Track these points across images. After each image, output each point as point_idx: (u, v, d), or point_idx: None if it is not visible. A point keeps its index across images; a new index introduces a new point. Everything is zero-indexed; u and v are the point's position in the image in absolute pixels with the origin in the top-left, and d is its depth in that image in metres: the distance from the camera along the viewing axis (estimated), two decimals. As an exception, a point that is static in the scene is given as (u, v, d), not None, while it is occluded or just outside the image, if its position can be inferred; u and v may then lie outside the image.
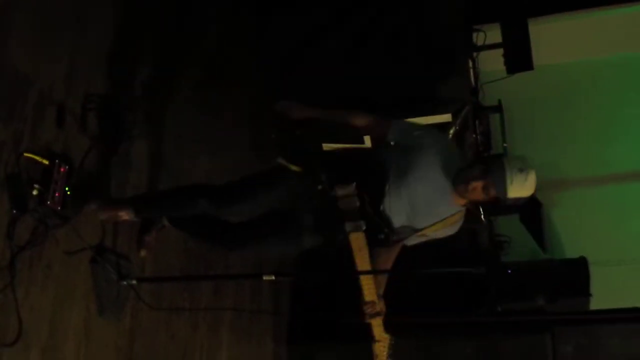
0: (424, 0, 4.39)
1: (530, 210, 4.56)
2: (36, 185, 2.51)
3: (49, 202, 2.53)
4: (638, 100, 4.95)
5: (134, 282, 2.88)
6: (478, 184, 2.57)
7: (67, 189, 2.62)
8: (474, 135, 4.36)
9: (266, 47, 4.49)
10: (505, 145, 4.51)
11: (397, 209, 2.68)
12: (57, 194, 2.57)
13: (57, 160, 2.59)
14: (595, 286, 4.39)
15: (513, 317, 4.32)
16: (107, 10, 3.09)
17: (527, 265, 4.69)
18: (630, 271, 4.58)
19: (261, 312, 4.07)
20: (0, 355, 2.32)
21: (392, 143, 2.78)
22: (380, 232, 2.68)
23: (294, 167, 2.77)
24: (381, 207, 2.68)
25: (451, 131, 4.35)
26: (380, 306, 2.68)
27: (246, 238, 2.93)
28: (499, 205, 3.00)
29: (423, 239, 2.83)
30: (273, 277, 2.73)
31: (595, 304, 4.36)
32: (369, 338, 3.71)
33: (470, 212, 2.92)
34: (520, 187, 2.52)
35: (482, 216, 4.52)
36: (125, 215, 2.88)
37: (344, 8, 4.46)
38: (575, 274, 4.51)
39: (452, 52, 4.33)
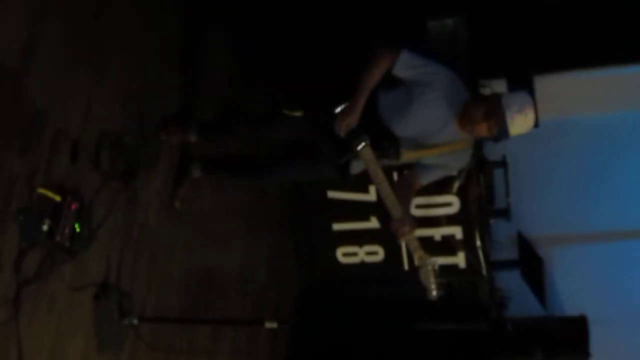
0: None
1: (532, 266, 4.58)
2: (47, 220, 2.55)
3: (58, 238, 2.57)
4: (640, 157, 5.00)
5: (135, 321, 2.90)
6: (482, 125, 2.77)
7: (76, 225, 2.66)
8: (478, 190, 4.41)
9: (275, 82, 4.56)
10: (508, 200, 4.55)
11: (400, 128, 2.88)
12: (66, 230, 2.61)
13: (68, 197, 2.63)
14: (594, 345, 4.36)
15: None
16: (127, 48, 3.16)
17: (526, 321, 4.66)
18: (631, 331, 4.56)
19: (259, 348, 4.07)
20: (0, 387, 2.33)
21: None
22: (384, 141, 2.86)
23: (297, 113, 3.07)
24: (383, 121, 2.88)
25: (455, 184, 4.41)
26: (410, 222, 2.77)
27: (273, 166, 3.32)
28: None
29: (437, 173, 3.03)
30: (275, 325, 2.74)
31: (594, 362, 4.32)
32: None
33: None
34: (520, 126, 2.71)
35: (484, 271, 4.55)
36: (191, 137, 3.37)
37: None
38: (574, 332, 4.49)
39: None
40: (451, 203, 4.48)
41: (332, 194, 4.69)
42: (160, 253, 3.31)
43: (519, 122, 2.70)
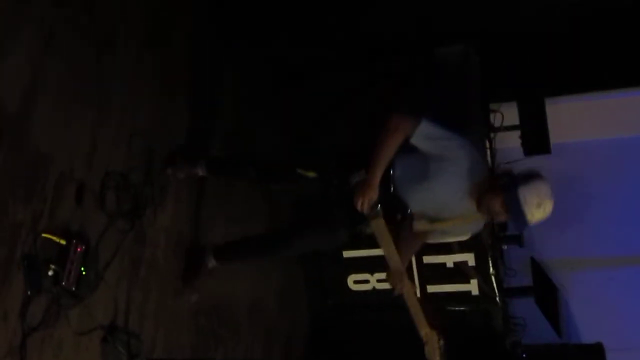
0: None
1: (546, 293, 4.50)
2: (52, 266, 2.52)
3: (63, 283, 2.54)
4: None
5: (144, 362, 2.86)
6: (501, 214, 2.75)
7: (82, 268, 2.63)
8: (491, 224, 4.34)
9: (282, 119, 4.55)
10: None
11: (414, 200, 2.85)
12: (72, 274, 2.58)
13: (74, 240, 2.60)
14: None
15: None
16: (129, 83, 3.14)
17: (541, 349, 4.59)
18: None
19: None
20: None
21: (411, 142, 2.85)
22: (398, 213, 2.86)
23: (311, 174, 3.01)
24: (397, 191, 2.84)
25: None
26: (406, 279, 2.76)
27: (288, 239, 3.21)
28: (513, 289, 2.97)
29: (447, 237, 3.02)
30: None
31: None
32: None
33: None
34: (539, 217, 2.69)
35: (497, 298, 4.48)
36: (200, 171, 3.35)
37: (353, 88, 4.53)
38: (591, 360, 4.42)
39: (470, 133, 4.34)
40: (463, 231, 4.41)
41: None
42: (169, 291, 3.27)
43: (538, 215, 2.68)
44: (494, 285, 4.47)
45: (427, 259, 4.55)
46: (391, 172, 2.84)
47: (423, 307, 2.74)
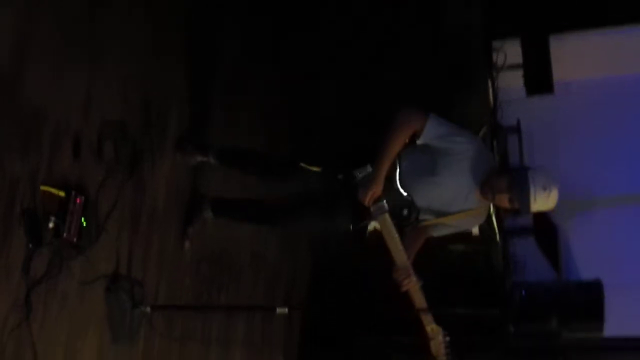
0: (442, 18, 4.35)
1: (546, 233, 4.53)
2: (52, 218, 2.52)
3: (65, 235, 2.55)
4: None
5: (148, 309, 2.90)
6: (504, 196, 2.72)
7: (83, 220, 2.64)
8: (492, 153, 4.31)
9: (284, 63, 4.48)
10: (524, 163, 4.47)
11: (420, 196, 2.81)
12: (73, 226, 2.58)
13: (73, 192, 2.60)
14: (610, 310, 4.34)
15: (525, 342, 4.30)
16: (123, 35, 3.07)
17: (541, 287, 4.64)
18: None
19: (273, 330, 4.09)
20: (16, 390, 2.35)
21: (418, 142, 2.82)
22: (404, 209, 2.81)
23: (314, 168, 2.96)
24: (403, 188, 2.80)
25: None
26: (414, 276, 2.74)
27: (288, 217, 3.20)
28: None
29: (450, 230, 2.98)
30: (286, 311, 2.74)
31: (610, 328, 4.31)
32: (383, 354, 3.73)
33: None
34: (542, 204, 2.69)
35: (498, 238, 4.50)
36: (210, 159, 3.29)
37: (359, 26, 4.45)
38: (589, 297, 4.47)
39: (471, 72, 4.29)
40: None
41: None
42: (171, 239, 3.29)
43: (542, 200, 2.66)
44: (494, 225, 4.49)
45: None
46: (397, 167, 2.80)
47: (429, 304, 2.74)
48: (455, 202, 2.82)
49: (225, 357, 3.52)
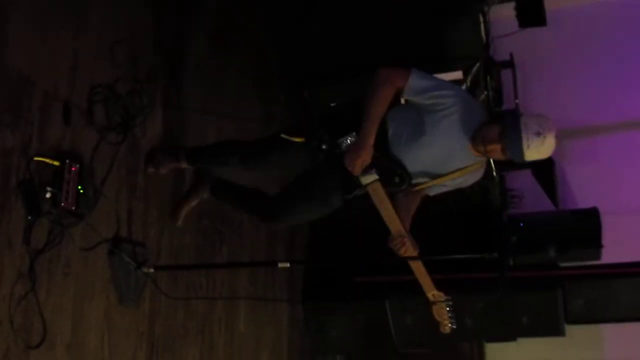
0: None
1: (542, 165, 4.53)
2: (49, 188, 2.52)
3: (63, 203, 2.55)
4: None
5: (152, 269, 2.93)
6: (496, 147, 2.58)
7: (79, 187, 2.64)
8: (485, 92, 4.27)
9: (270, 13, 4.37)
10: (517, 101, 4.42)
11: (411, 159, 2.70)
12: (70, 194, 2.58)
13: (67, 160, 2.59)
14: (607, 237, 4.40)
15: (524, 273, 4.37)
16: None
17: (538, 217, 4.69)
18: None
19: (275, 277, 4.14)
20: (28, 357, 2.39)
21: (403, 101, 2.74)
22: (395, 175, 2.71)
23: (296, 139, 2.81)
24: (392, 152, 2.69)
25: (462, 88, 4.28)
26: (410, 241, 2.68)
27: (279, 208, 3.04)
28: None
29: (445, 189, 2.86)
30: (288, 265, 2.77)
31: (607, 255, 4.38)
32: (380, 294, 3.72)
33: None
34: (536, 152, 2.52)
35: (494, 172, 4.51)
36: (182, 165, 3.17)
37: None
38: (586, 225, 4.53)
39: (462, 7, 4.19)
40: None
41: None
42: (169, 195, 3.29)
43: (536, 147, 2.48)
44: (491, 160, 4.49)
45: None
46: (384, 131, 2.67)
47: (427, 269, 2.70)
48: (449, 161, 2.69)
49: (230, 310, 3.58)
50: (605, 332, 4.78)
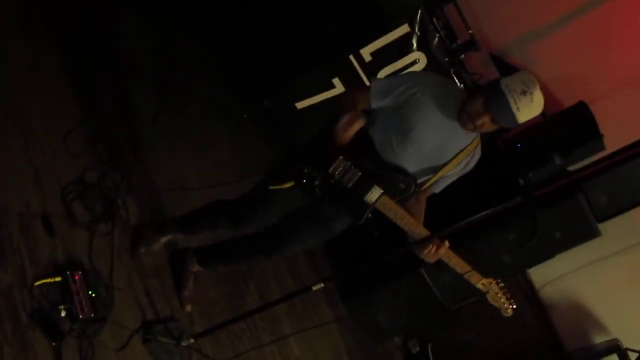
0: None
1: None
2: (61, 306, 2.42)
3: (80, 315, 2.45)
4: None
5: (192, 340, 2.83)
6: (485, 119, 2.47)
7: (90, 292, 2.53)
8: (437, 34, 4.17)
9: (203, 41, 4.25)
10: (470, 31, 4.31)
11: (408, 160, 2.60)
12: (83, 303, 2.48)
13: (68, 272, 2.48)
14: (603, 124, 4.34)
15: (540, 190, 4.31)
16: (35, 93, 2.86)
17: (529, 131, 4.61)
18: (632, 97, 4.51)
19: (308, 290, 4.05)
20: None
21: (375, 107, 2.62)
22: (399, 183, 2.62)
23: (287, 185, 2.71)
24: (388, 161, 2.60)
25: (414, 40, 4.18)
26: (437, 242, 2.58)
27: (280, 239, 2.90)
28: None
29: (452, 179, 2.77)
30: (322, 285, 2.68)
31: (611, 142, 4.32)
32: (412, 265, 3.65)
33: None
34: (528, 110, 2.41)
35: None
36: (171, 237, 3.01)
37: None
38: (579, 121, 4.47)
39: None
40: (418, 60, 4.26)
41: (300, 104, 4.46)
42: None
43: (526, 106, 2.38)
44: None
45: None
46: (373, 145, 2.60)
47: (467, 260, 2.62)
48: (445, 147, 2.60)
49: (280, 341, 3.49)
50: (636, 211, 4.74)
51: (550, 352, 4.81)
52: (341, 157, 2.54)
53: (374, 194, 2.56)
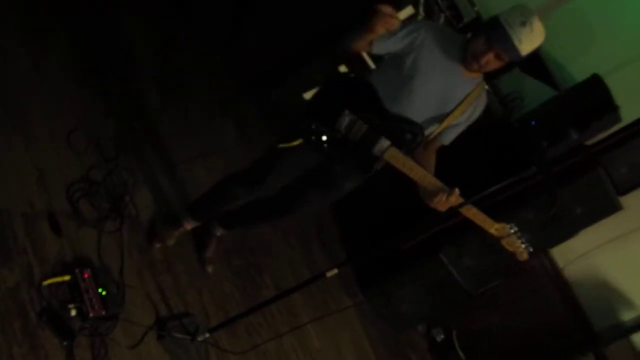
0: None
1: (527, 58, 4.35)
2: (71, 305, 2.38)
3: (91, 314, 2.41)
4: None
5: (207, 335, 2.78)
6: (489, 56, 2.50)
7: (100, 290, 2.49)
8: (443, 14, 4.09)
9: (204, 39, 4.21)
10: (476, 8, 4.23)
11: (412, 110, 2.59)
12: (94, 301, 2.44)
13: (76, 270, 2.44)
14: (618, 95, 4.23)
15: (558, 166, 4.22)
16: (36, 92, 2.84)
17: (544, 108, 4.51)
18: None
19: (328, 282, 3.98)
20: None
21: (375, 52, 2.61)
22: (405, 133, 2.59)
23: (295, 143, 2.67)
24: (392, 111, 2.58)
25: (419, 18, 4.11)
26: (448, 191, 2.50)
27: (291, 202, 2.92)
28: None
29: (460, 129, 2.75)
30: (336, 271, 2.62)
31: (627, 113, 4.22)
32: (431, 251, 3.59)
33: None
34: (530, 41, 2.46)
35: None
36: (188, 225, 2.98)
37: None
38: (594, 94, 4.36)
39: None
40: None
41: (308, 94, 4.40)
42: (191, 256, 3.14)
43: (527, 37, 2.43)
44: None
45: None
46: (377, 95, 2.56)
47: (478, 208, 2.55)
48: (449, 93, 2.60)
49: (299, 333, 3.42)
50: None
51: (578, 332, 4.70)
52: (346, 110, 2.52)
53: (381, 145, 2.54)
